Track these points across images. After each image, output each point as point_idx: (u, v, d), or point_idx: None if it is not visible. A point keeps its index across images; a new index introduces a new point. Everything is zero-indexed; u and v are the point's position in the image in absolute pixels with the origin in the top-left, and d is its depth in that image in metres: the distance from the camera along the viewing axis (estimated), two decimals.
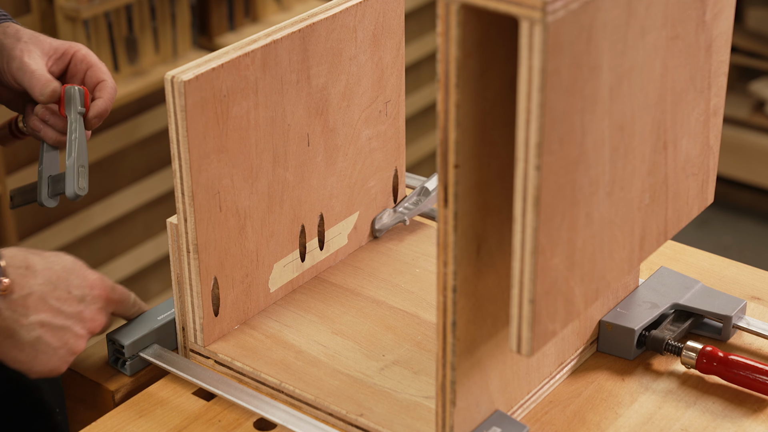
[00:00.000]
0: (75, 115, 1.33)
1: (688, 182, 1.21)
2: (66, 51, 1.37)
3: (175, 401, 1.24)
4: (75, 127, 1.33)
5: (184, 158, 1.19)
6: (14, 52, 1.36)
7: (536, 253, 0.99)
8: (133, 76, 2.55)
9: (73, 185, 1.31)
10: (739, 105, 3.57)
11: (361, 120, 1.39)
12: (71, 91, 1.33)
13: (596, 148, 1.03)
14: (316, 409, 1.21)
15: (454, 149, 0.99)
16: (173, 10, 2.60)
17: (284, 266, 1.35)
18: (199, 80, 1.17)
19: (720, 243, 3.47)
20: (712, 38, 1.16)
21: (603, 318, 1.29)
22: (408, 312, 1.34)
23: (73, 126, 1.33)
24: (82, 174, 1.32)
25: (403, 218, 1.47)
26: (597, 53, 0.99)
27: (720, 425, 1.20)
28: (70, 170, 1.32)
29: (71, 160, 1.32)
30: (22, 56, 1.35)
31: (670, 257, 1.45)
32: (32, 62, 1.35)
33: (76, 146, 1.32)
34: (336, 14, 1.31)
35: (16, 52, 1.36)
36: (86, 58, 1.37)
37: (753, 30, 3.56)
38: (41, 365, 1.19)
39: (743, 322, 1.31)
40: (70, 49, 1.37)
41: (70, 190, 1.32)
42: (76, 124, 1.33)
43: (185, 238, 1.23)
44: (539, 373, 1.23)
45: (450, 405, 1.10)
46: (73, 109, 1.33)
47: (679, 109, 1.15)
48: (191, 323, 1.27)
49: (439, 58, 0.97)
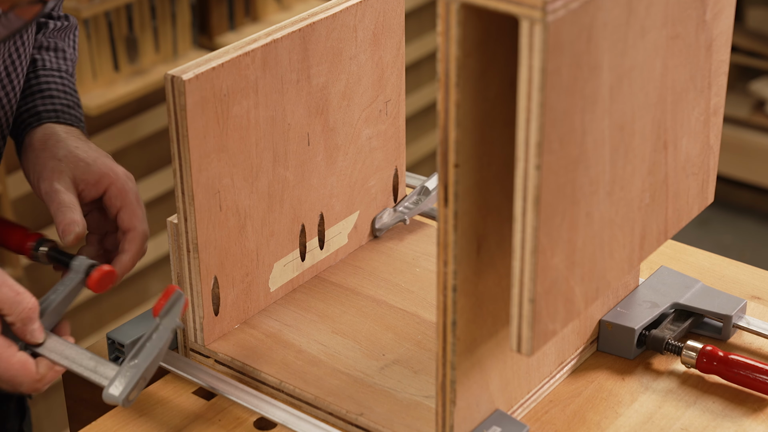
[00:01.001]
0: (167, 323, 1.16)
1: (688, 182, 1.20)
2: (101, 179, 1.26)
3: (175, 401, 1.24)
4: (158, 335, 1.16)
5: (184, 158, 1.19)
6: (45, 172, 1.26)
7: (536, 253, 0.99)
8: (133, 75, 2.55)
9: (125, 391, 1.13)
10: (739, 104, 3.57)
11: (362, 119, 1.39)
12: (177, 298, 1.17)
13: (596, 147, 1.03)
14: (316, 408, 1.21)
15: (454, 149, 0.99)
16: (173, 9, 2.60)
17: (284, 265, 1.35)
18: (199, 79, 1.17)
19: (720, 242, 3.47)
20: (712, 38, 1.16)
21: (603, 317, 1.29)
22: (408, 311, 1.34)
23: (158, 333, 1.16)
24: (138, 386, 1.14)
25: (404, 217, 1.47)
26: (597, 53, 0.99)
27: (720, 425, 1.20)
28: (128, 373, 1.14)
29: (135, 365, 1.14)
30: (52, 179, 1.25)
31: (671, 257, 1.45)
32: (61, 190, 1.24)
33: (146, 354, 1.15)
34: (336, 13, 1.31)
35: (47, 173, 1.26)
36: (122, 194, 1.26)
37: (753, 29, 3.56)
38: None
39: (743, 321, 1.31)
40: (105, 178, 1.26)
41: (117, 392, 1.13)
42: (161, 333, 1.16)
43: (185, 237, 1.23)
44: (539, 373, 1.23)
45: (450, 404, 1.10)
46: (168, 318, 1.17)
47: (679, 109, 1.15)
48: (191, 322, 1.27)
49: (440, 57, 0.97)
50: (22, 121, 1.34)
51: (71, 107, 1.36)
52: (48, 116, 1.33)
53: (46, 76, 1.38)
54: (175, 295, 1.17)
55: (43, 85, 1.37)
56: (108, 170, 1.26)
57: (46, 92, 1.36)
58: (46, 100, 1.35)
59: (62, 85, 1.38)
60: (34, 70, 1.39)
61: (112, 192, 1.26)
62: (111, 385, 1.13)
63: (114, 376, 1.14)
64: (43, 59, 1.40)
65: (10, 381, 1.14)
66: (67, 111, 1.35)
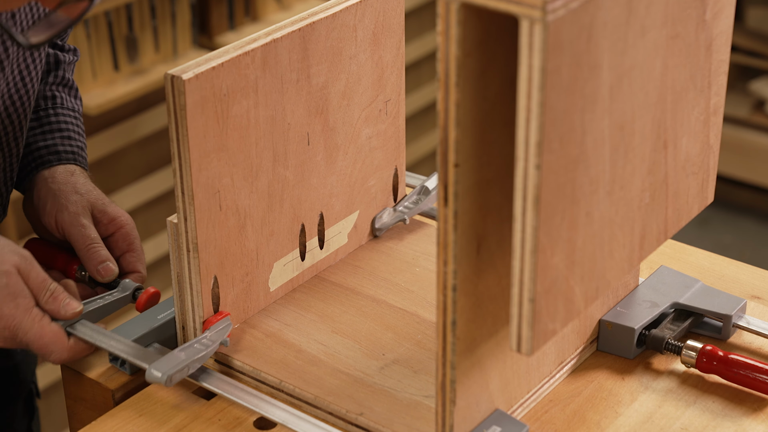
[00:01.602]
0: (216, 337, 1.26)
1: (688, 181, 1.20)
2: (113, 221, 1.36)
3: (174, 400, 1.24)
4: (205, 344, 1.25)
5: (184, 157, 1.19)
6: (69, 205, 1.35)
7: (536, 252, 0.99)
8: (133, 74, 2.55)
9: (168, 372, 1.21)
10: (739, 104, 3.57)
11: (361, 119, 1.39)
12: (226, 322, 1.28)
13: (596, 147, 1.03)
14: (316, 408, 1.21)
15: (454, 148, 0.99)
16: (173, 9, 2.60)
17: (284, 265, 1.35)
18: (199, 79, 1.17)
19: (720, 242, 3.47)
20: (712, 37, 1.16)
21: (603, 317, 1.29)
22: (408, 311, 1.34)
23: (206, 342, 1.25)
24: (181, 372, 1.23)
25: (403, 217, 1.47)
26: (597, 52, 0.99)
27: (720, 424, 1.20)
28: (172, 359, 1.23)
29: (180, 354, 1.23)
30: (77, 212, 1.34)
31: (670, 256, 1.45)
32: (88, 225, 1.35)
33: (193, 352, 1.24)
34: (336, 13, 1.31)
35: (71, 206, 1.35)
36: (128, 239, 1.37)
37: (753, 29, 3.56)
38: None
39: (743, 321, 1.31)
40: (117, 221, 1.36)
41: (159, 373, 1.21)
42: (208, 344, 1.25)
43: (185, 237, 1.23)
44: (539, 372, 1.23)
45: (450, 404, 1.10)
46: (217, 333, 1.27)
47: (679, 108, 1.15)
48: (191, 322, 1.27)
49: (439, 57, 0.97)
50: (40, 156, 1.42)
51: (83, 149, 1.46)
52: (67, 157, 1.42)
53: (65, 116, 1.46)
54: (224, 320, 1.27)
55: (62, 124, 1.45)
56: (120, 215, 1.37)
57: (65, 132, 1.44)
58: (65, 141, 1.43)
59: (77, 127, 1.47)
60: (54, 107, 1.46)
61: (120, 235, 1.37)
62: (152, 368, 1.21)
63: (157, 359, 1.23)
64: (62, 98, 1.48)
65: (42, 349, 1.24)
66: (80, 153, 1.44)
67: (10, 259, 1.23)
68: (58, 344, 1.24)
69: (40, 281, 1.24)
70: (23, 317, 1.22)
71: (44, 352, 1.25)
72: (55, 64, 1.47)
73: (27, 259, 1.24)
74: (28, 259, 1.24)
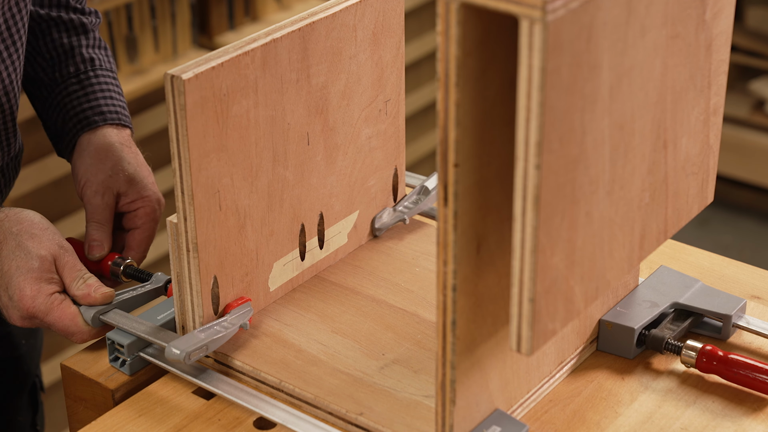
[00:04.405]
0: (236, 320, 1.28)
1: (688, 181, 1.21)
2: (136, 200, 1.41)
3: (174, 400, 1.24)
4: (226, 326, 1.27)
5: (184, 157, 1.19)
6: (94, 184, 1.40)
7: (536, 252, 0.99)
8: (133, 74, 2.55)
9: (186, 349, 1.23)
10: (739, 104, 3.57)
11: (361, 119, 1.39)
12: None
13: (596, 147, 1.03)
14: (316, 408, 1.21)
15: (454, 148, 0.99)
16: (173, 8, 2.60)
17: (284, 265, 1.35)
18: (199, 79, 1.17)
19: (720, 242, 3.47)
20: (712, 37, 1.16)
21: (603, 317, 1.29)
22: (408, 311, 1.34)
23: (226, 324, 1.27)
24: (200, 350, 1.24)
25: (403, 217, 1.47)
26: (597, 52, 0.99)
27: (720, 424, 1.20)
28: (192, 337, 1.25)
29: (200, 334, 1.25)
30: (98, 191, 1.39)
31: (670, 256, 1.45)
32: (101, 205, 1.39)
33: (213, 332, 1.25)
34: (336, 13, 1.31)
35: (95, 185, 1.39)
36: (145, 217, 1.42)
37: (753, 29, 3.56)
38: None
39: (743, 321, 1.31)
40: (139, 202, 1.42)
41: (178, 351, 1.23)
42: (229, 326, 1.27)
43: (185, 236, 1.23)
44: (539, 372, 1.23)
45: (450, 404, 1.10)
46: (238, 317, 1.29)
47: (679, 108, 1.15)
48: (191, 322, 1.27)
49: (439, 56, 0.97)
50: (86, 118, 1.45)
51: (125, 108, 1.49)
52: (111, 117, 1.45)
53: (105, 77, 1.49)
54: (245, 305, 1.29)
55: (104, 85, 1.48)
56: (146, 194, 1.42)
57: (107, 92, 1.47)
58: (108, 101, 1.47)
59: (116, 86, 1.50)
60: (93, 68, 1.49)
61: (139, 213, 1.42)
62: (172, 345, 1.22)
63: (177, 338, 1.25)
64: (100, 59, 1.50)
65: (64, 330, 1.30)
66: (123, 112, 1.48)
67: (49, 247, 1.29)
68: (77, 326, 1.29)
69: (77, 270, 1.30)
70: (44, 300, 1.28)
71: (66, 333, 1.30)
72: (82, 26, 1.49)
73: (66, 250, 1.30)
74: (68, 250, 1.30)
